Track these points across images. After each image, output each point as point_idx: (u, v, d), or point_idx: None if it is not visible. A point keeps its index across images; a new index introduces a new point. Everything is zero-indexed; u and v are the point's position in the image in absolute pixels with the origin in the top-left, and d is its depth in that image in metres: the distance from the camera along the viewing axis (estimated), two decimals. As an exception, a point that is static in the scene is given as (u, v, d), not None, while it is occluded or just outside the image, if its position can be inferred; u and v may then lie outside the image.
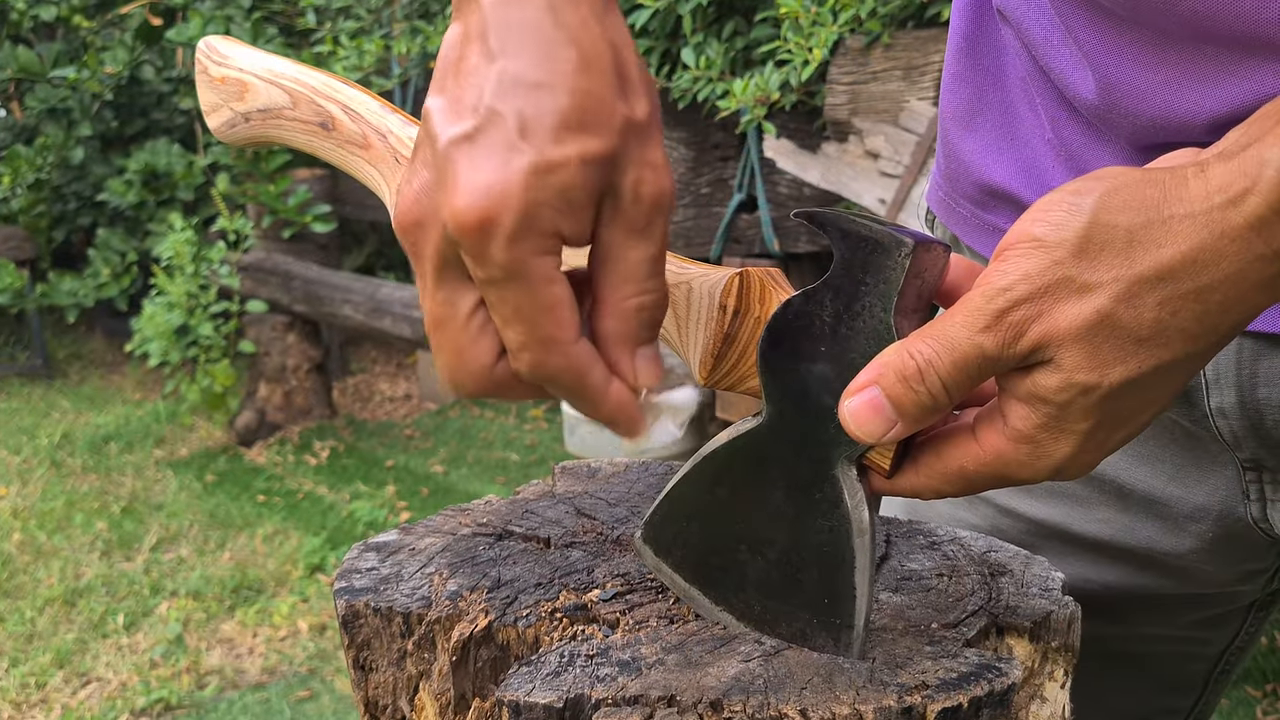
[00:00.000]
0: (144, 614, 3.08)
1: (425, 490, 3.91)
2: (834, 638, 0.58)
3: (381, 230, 5.98)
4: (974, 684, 0.55)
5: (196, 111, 5.34)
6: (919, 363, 0.52)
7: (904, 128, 2.62)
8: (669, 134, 3.50)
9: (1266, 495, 0.76)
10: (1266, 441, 0.73)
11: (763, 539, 0.61)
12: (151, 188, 5.31)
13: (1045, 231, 0.50)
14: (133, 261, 5.44)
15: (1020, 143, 0.78)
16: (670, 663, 0.59)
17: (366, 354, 5.57)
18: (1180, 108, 0.64)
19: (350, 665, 0.70)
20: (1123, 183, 0.50)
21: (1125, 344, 0.49)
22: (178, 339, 4.36)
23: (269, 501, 3.86)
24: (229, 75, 0.80)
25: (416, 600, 0.68)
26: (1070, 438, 0.52)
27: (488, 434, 4.44)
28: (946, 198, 0.86)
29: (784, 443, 0.59)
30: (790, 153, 2.83)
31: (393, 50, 4.28)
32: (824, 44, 2.68)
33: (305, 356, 4.52)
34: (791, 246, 3.24)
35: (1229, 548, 0.81)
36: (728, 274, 0.61)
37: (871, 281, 0.55)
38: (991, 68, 0.80)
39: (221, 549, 3.48)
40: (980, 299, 0.51)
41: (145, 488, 4.03)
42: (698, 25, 3.13)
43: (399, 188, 0.55)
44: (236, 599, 3.14)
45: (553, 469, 0.88)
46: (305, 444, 4.39)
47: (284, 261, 4.53)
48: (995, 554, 0.71)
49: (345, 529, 3.58)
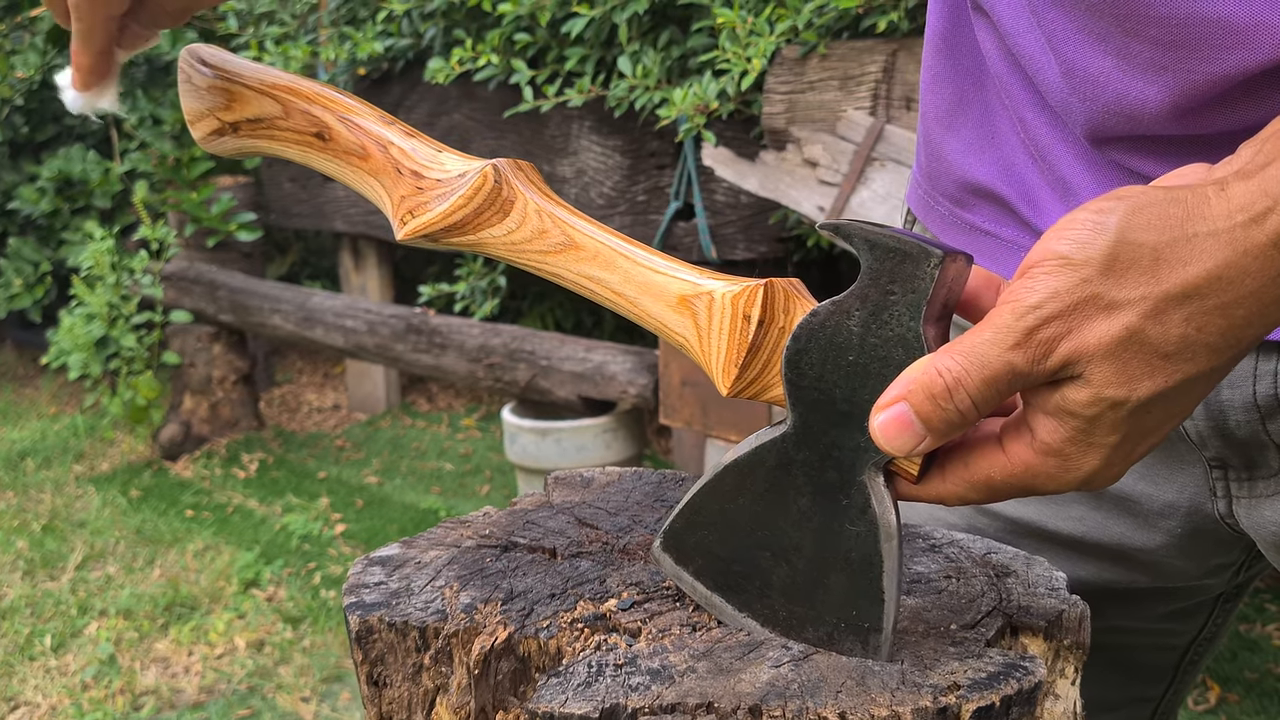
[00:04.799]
0: (72, 634, 2.99)
1: (360, 501, 3.86)
2: (862, 641, 0.60)
3: (306, 239, 5.88)
4: (1004, 683, 0.56)
5: (112, 117, 5.20)
6: (947, 380, 0.53)
7: (841, 136, 2.66)
8: (604, 141, 3.51)
9: (1232, 492, 0.79)
10: (1230, 441, 0.76)
11: (788, 545, 0.61)
12: (65, 195, 5.16)
13: (1072, 250, 0.52)
14: (46, 271, 5.28)
15: (998, 141, 0.80)
16: (701, 670, 0.59)
17: (292, 364, 5.48)
18: (1132, 95, 0.66)
19: (363, 681, 0.69)
20: (1146, 201, 0.52)
21: (1153, 359, 0.51)
22: (98, 351, 4.24)
23: (198, 516, 3.77)
24: (215, 84, 0.78)
25: (431, 614, 0.67)
26: (1098, 450, 0.53)
27: (420, 444, 4.39)
28: (926, 196, 0.88)
29: (810, 450, 0.60)
30: (728, 161, 2.85)
31: (320, 57, 4.22)
32: (763, 54, 2.71)
33: (232, 367, 4.43)
34: (729, 254, 3.27)
35: (1198, 543, 0.84)
36: (751, 285, 0.62)
37: (900, 291, 0.56)
38: (971, 68, 0.82)
39: (151, 566, 3.39)
40: (1009, 316, 0.53)
41: (66, 504, 3.91)
42: (633, 34, 3.14)
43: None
44: (170, 617, 3.07)
45: (545, 480, 0.88)
46: (233, 457, 4.30)
47: (208, 271, 4.43)
48: (996, 555, 0.73)
49: (279, 543, 3.52)
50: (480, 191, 0.69)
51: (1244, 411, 0.74)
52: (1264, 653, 2.64)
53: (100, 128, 5.49)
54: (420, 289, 3.89)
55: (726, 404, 2.82)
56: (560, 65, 3.32)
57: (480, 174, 0.69)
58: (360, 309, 3.96)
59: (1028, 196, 0.78)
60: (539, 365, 3.31)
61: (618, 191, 3.48)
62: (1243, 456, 0.77)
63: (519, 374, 3.36)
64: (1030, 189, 0.78)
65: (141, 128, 4.93)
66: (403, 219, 0.71)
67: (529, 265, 0.69)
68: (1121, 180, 0.72)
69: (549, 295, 4.76)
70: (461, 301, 3.84)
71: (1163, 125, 0.66)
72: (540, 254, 0.68)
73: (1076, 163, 0.74)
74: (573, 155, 3.59)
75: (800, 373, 0.59)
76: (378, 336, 3.84)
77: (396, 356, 3.82)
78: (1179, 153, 0.68)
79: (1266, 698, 2.47)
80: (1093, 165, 0.73)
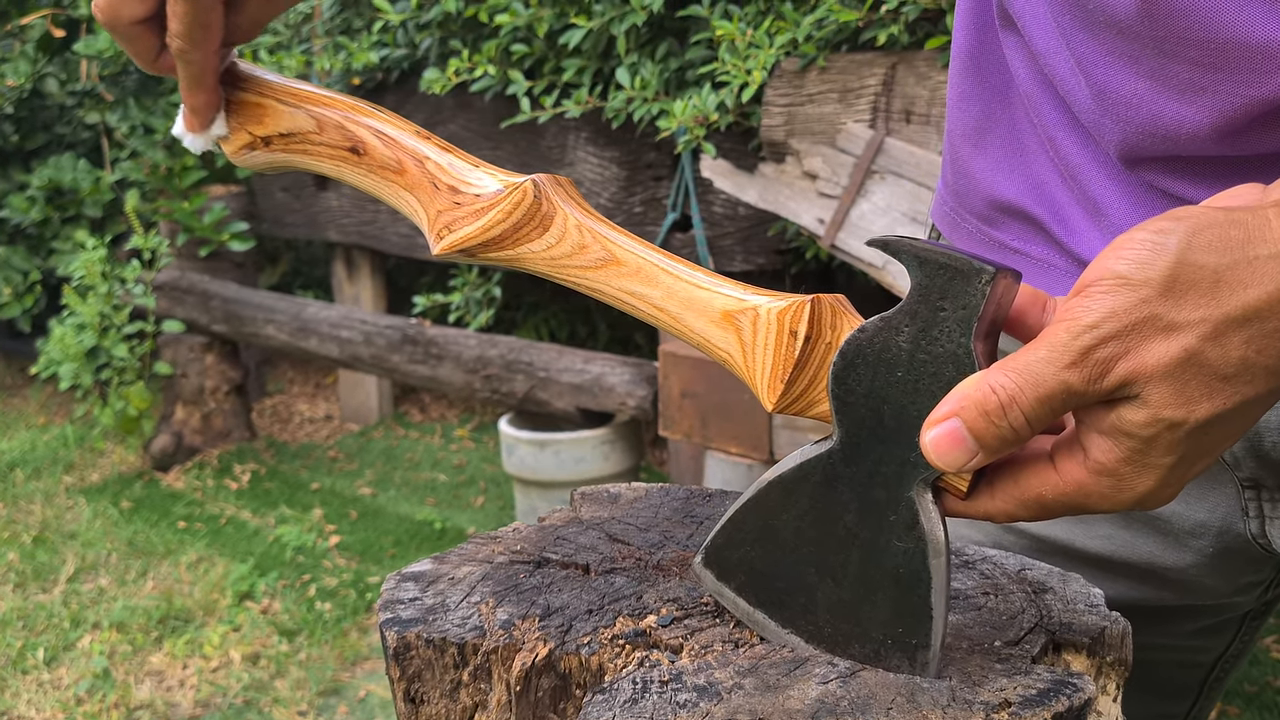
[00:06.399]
0: (65, 648, 2.97)
1: (354, 513, 3.84)
2: (909, 657, 0.59)
3: (298, 248, 5.86)
4: (1055, 700, 0.56)
5: (103, 126, 5.19)
6: (1001, 397, 0.53)
7: (841, 149, 2.67)
8: (601, 153, 3.51)
9: (1265, 513, 0.79)
10: (1265, 462, 0.76)
11: (833, 561, 0.61)
12: (56, 204, 5.13)
13: (1130, 270, 0.52)
14: (36, 280, 5.25)
15: (1027, 159, 0.80)
16: (749, 687, 0.59)
17: (283, 374, 5.46)
18: (1167, 117, 0.67)
19: (400, 698, 0.69)
20: (1207, 222, 0.52)
21: (1211, 381, 0.51)
22: (89, 361, 4.21)
23: (190, 528, 3.75)
24: (246, 99, 0.78)
25: (470, 630, 0.67)
26: (1154, 471, 0.53)
27: (413, 454, 4.38)
28: (952, 213, 0.88)
29: (856, 466, 0.60)
30: (727, 173, 2.86)
31: (314, 66, 4.21)
32: (763, 66, 2.72)
33: (224, 378, 4.41)
34: (726, 265, 3.27)
35: (1228, 562, 0.84)
36: (797, 300, 0.62)
37: (950, 307, 0.56)
38: (998, 85, 0.82)
39: (144, 578, 3.37)
40: (1065, 335, 0.53)
41: (57, 516, 3.88)
42: (631, 46, 3.15)
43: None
44: (164, 629, 3.04)
45: (572, 495, 0.88)
46: (225, 467, 4.28)
47: (201, 280, 4.41)
48: (1031, 572, 0.73)
49: (273, 554, 3.50)
50: (520, 207, 0.69)
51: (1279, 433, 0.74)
52: (1263, 665, 2.65)
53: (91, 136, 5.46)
54: (415, 299, 3.88)
55: (726, 416, 2.82)
56: (557, 76, 3.33)
57: (520, 189, 0.69)
58: (356, 319, 3.95)
59: (1058, 215, 0.78)
60: (537, 377, 3.30)
61: (614, 203, 3.48)
62: (1277, 477, 0.77)
63: (516, 385, 3.35)
64: (1060, 208, 0.78)
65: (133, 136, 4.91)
66: (439, 234, 0.71)
67: (569, 281, 0.69)
68: (1154, 200, 0.72)
69: (544, 306, 4.76)
70: (456, 312, 3.83)
71: (1200, 146, 0.66)
72: (580, 269, 0.68)
73: (1109, 182, 0.74)
74: (569, 166, 3.59)
75: (848, 389, 0.59)
76: (373, 347, 3.83)
77: (393, 367, 3.81)
78: (1214, 174, 0.68)
79: (1266, 710, 2.48)
80: (1125, 185, 0.73)
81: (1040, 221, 0.79)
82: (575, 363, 3.27)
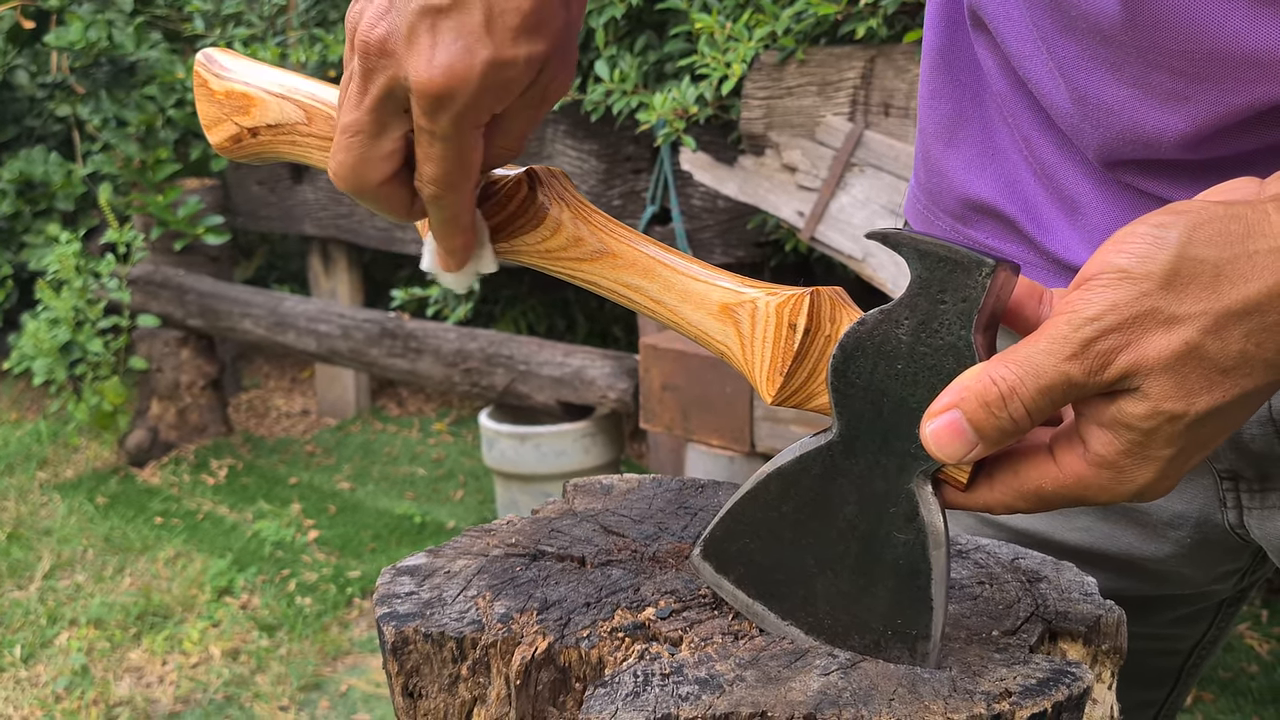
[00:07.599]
0: (42, 645, 2.94)
1: (333, 508, 3.82)
2: (909, 648, 0.60)
3: (273, 241, 5.83)
4: (1054, 689, 0.57)
5: (74, 118, 5.13)
6: (1002, 389, 0.54)
7: (820, 142, 2.67)
8: (579, 145, 3.50)
9: (1243, 503, 0.80)
10: (1245, 454, 0.77)
11: (833, 553, 0.62)
12: (27, 198, 5.07)
13: (1131, 263, 0.52)
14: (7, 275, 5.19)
15: (1000, 158, 0.80)
16: (750, 679, 0.59)
17: (259, 369, 5.42)
18: (1148, 125, 0.67)
19: (398, 693, 0.69)
20: (1207, 217, 0.52)
21: (1211, 374, 0.52)
22: (63, 356, 4.17)
23: (167, 523, 3.72)
24: (233, 89, 0.77)
25: (468, 624, 0.67)
26: (1153, 463, 0.54)
27: (392, 448, 4.36)
28: (925, 210, 0.88)
29: (856, 458, 0.60)
30: (707, 165, 2.86)
31: (290, 59, 4.18)
32: (742, 59, 2.72)
33: (200, 372, 4.38)
34: (705, 258, 3.28)
35: (1206, 552, 0.85)
36: (796, 293, 0.62)
37: (950, 300, 0.56)
38: (970, 84, 0.82)
39: (121, 574, 3.35)
40: (1066, 327, 0.53)
41: (31, 512, 3.85)
42: (610, 39, 3.14)
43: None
44: (142, 626, 3.02)
45: (564, 487, 0.88)
46: (202, 463, 4.25)
47: (176, 274, 4.38)
48: (1023, 561, 0.74)
49: (251, 550, 3.48)
50: (513, 199, 0.68)
51: (1259, 425, 0.75)
52: (1237, 652, 2.68)
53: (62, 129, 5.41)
54: (393, 293, 3.86)
55: (707, 409, 2.82)
56: (536, 69, 3.31)
57: (514, 180, 0.68)
58: (334, 313, 3.93)
59: (1032, 214, 0.78)
60: (517, 370, 3.30)
61: (593, 196, 3.48)
62: (1256, 469, 0.78)
63: (497, 379, 3.34)
64: (1034, 206, 0.78)
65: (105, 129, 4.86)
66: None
67: (564, 273, 0.68)
68: (1131, 199, 0.73)
69: (522, 299, 4.75)
70: (434, 305, 3.82)
71: (1179, 151, 0.67)
72: (575, 262, 0.68)
73: (1085, 181, 0.74)
74: (548, 159, 3.58)
75: (847, 381, 0.59)
76: (352, 341, 3.81)
77: (371, 361, 3.79)
78: (1191, 176, 0.69)
79: (1240, 696, 2.51)
80: (1102, 184, 0.74)
81: (1013, 220, 0.80)
82: (555, 356, 3.26)
